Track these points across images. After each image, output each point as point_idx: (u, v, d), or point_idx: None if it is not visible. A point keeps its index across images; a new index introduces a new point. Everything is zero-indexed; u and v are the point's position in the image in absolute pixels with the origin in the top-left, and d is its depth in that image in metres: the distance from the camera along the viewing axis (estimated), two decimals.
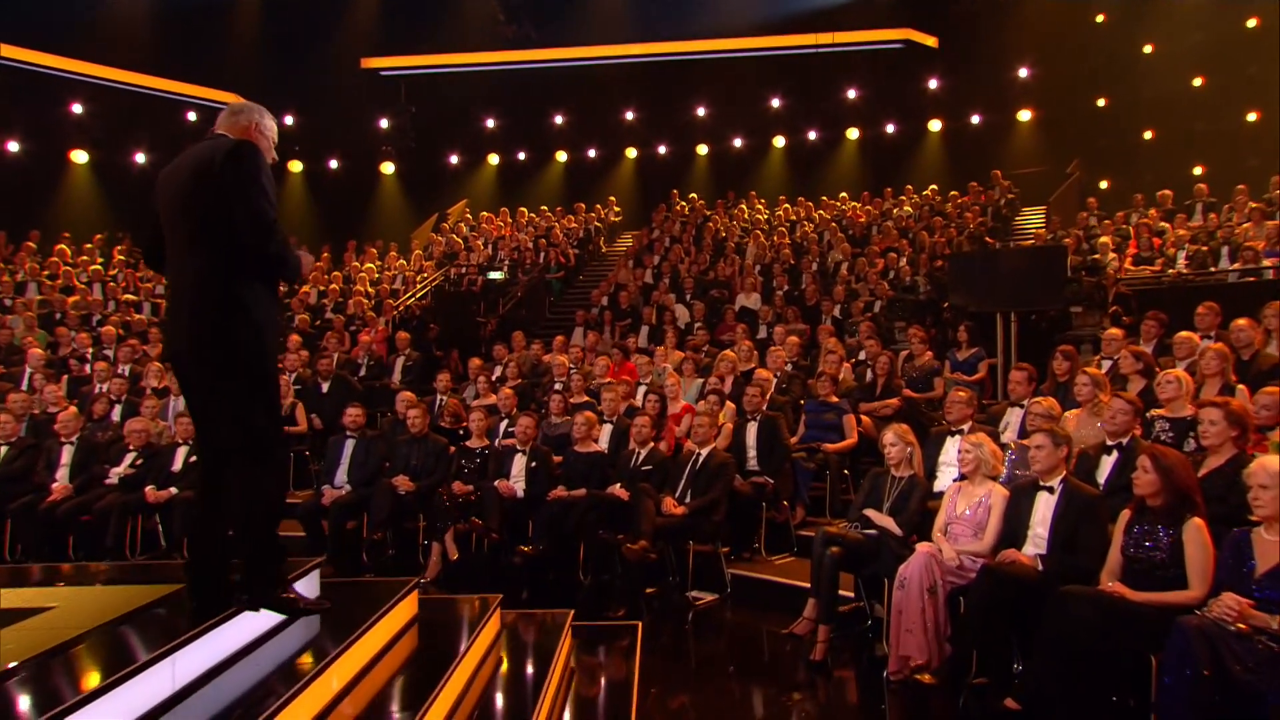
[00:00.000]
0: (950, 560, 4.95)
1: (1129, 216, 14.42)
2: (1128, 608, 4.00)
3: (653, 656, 5.36)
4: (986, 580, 4.56)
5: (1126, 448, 5.25)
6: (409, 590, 4.51)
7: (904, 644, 4.85)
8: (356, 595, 4.53)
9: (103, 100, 18.57)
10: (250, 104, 3.65)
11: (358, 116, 19.57)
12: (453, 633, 4.58)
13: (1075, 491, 4.74)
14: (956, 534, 5.19)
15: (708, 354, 10.56)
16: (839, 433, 7.86)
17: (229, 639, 3.51)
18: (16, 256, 16.31)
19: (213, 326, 3.32)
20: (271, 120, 3.66)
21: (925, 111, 19.13)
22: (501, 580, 7.22)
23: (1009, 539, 4.91)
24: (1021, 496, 4.93)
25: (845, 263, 14.55)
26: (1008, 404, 6.92)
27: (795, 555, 7.18)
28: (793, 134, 20.00)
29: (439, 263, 17.37)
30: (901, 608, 4.90)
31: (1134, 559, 4.20)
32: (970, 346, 9.45)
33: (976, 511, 5.15)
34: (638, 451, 7.28)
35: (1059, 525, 4.68)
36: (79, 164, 18.97)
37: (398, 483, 7.70)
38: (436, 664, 4.05)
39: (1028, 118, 18.70)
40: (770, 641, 5.88)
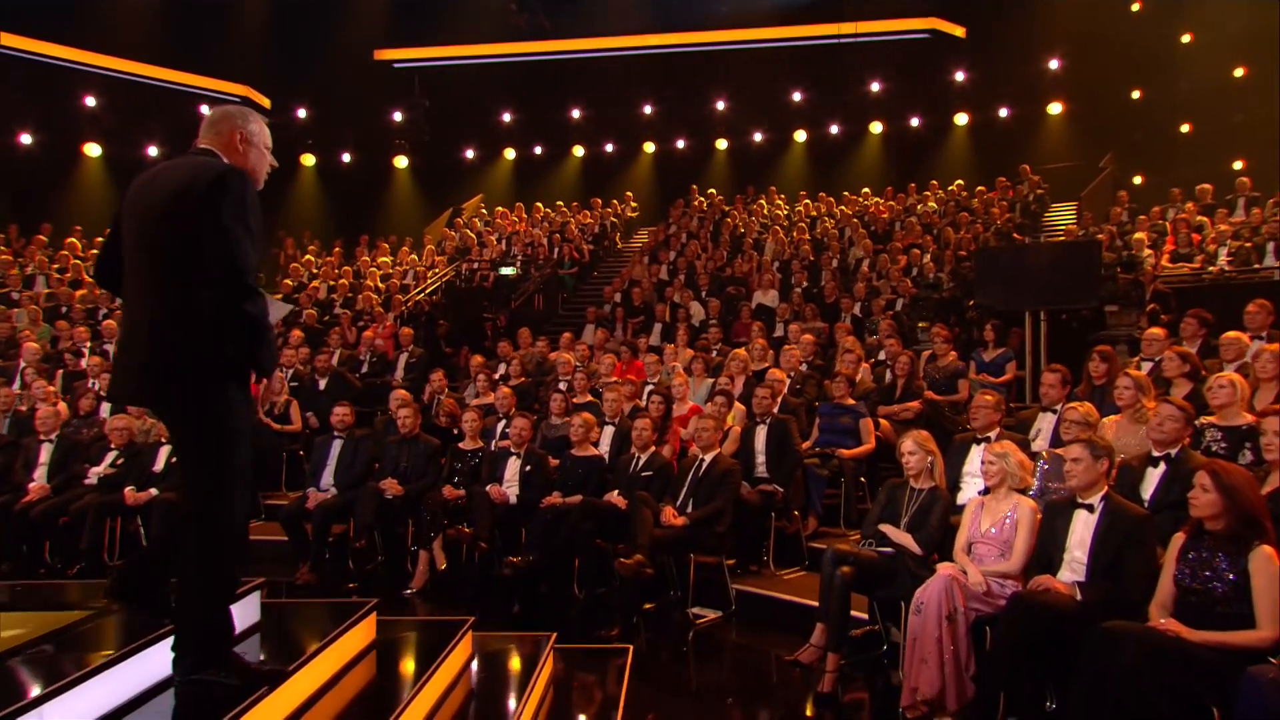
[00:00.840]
0: (975, 585, 4.39)
1: (1165, 212, 13.72)
2: (1184, 649, 3.43)
3: (644, 684, 4.83)
4: (1017, 611, 3.99)
5: (1176, 459, 4.67)
6: (365, 613, 4.02)
7: (916, 674, 4.29)
8: (305, 619, 4.04)
9: (116, 93, 18.32)
10: (232, 109, 3.19)
11: (370, 109, 19.18)
12: (414, 661, 4.08)
13: (1119, 510, 4.16)
14: (981, 554, 4.62)
15: (720, 353, 10.00)
16: (855, 437, 7.30)
17: (135, 676, 3.04)
18: (27, 250, 16.06)
19: (171, 390, 2.93)
20: (259, 123, 3.19)
21: (951, 104, 18.42)
22: (491, 593, 6.74)
23: (1042, 563, 4.33)
24: (1056, 515, 4.35)
25: (866, 259, 13.98)
26: (1039, 409, 6.32)
27: (806, 570, 6.63)
28: (814, 128, 19.37)
29: (451, 258, 16.94)
30: (917, 635, 4.34)
31: (1189, 591, 3.63)
32: (997, 347, 8.86)
33: (1002, 529, 4.58)
34: (638, 456, 6.75)
35: (1100, 549, 4.10)
36: (92, 157, 18.71)
37: (385, 486, 7.22)
38: (389, 698, 3.57)
39: (1058, 111, 18.00)
40: (777, 668, 5.33)
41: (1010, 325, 9.43)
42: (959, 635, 4.28)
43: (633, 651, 5.11)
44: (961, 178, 17.21)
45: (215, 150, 3.04)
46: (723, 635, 5.93)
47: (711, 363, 9.34)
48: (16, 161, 17.84)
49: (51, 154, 18.21)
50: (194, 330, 2.85)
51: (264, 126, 3.20)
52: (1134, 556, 3.99)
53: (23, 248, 16.26)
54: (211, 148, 3.05)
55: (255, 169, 3.12)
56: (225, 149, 3.06)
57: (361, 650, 3.91)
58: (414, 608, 6.59)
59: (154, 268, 2.93)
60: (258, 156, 3.14)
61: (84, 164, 18.73)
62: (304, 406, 9.63)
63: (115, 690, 2.89)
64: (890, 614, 5.22)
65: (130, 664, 2.98)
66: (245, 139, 3.10)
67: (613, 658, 5.14)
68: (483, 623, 6.25)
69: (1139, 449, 5.13)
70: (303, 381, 10.26)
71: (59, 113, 18.08)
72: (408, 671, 3.88)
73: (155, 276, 2.93)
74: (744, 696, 5.00)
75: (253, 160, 3.11)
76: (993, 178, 16.68)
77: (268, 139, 3.21)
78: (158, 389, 2.99)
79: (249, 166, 3.08)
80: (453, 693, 4.00)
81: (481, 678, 4.29)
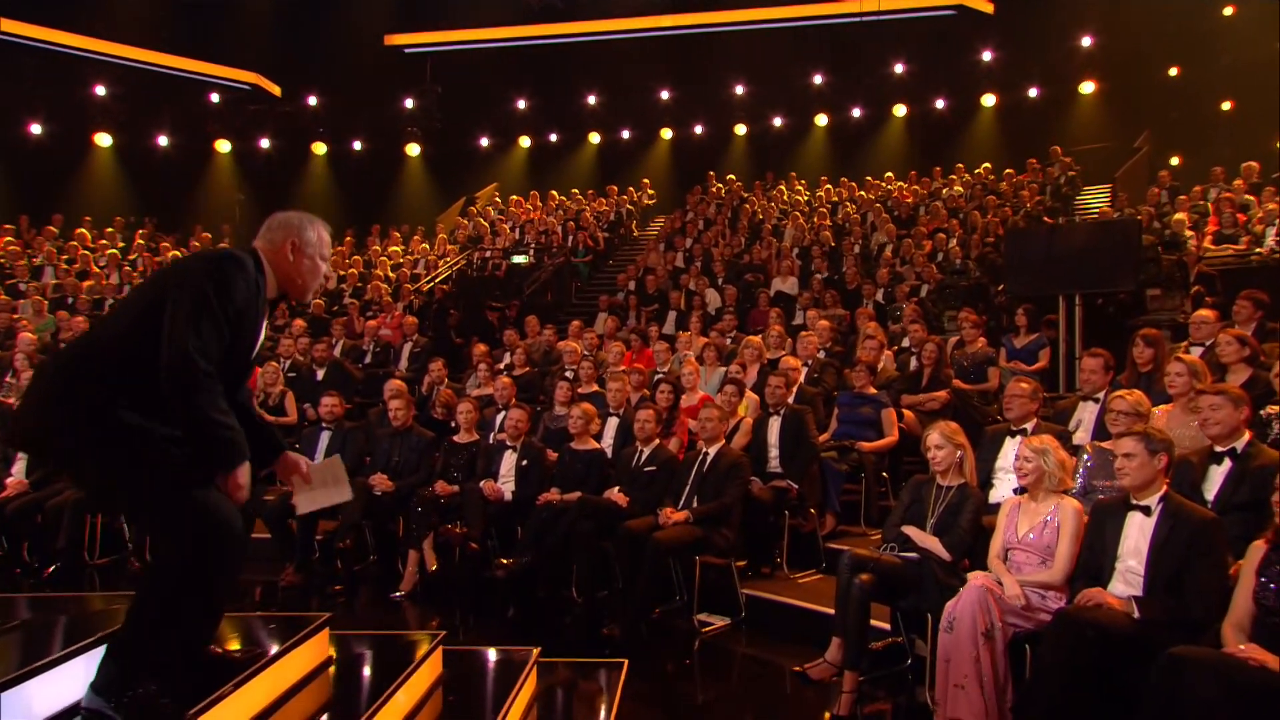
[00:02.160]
0: (1013, 598, 3.82)
1: (1206, 191, 12.99)
2: (1271, 683, 2.86)
3: (639, 704, 4.31)
4: (1063, 629, 3.42)
5: (1243, 455, 4.07)
6: (317, 628, 3.52)
7: (953, 703, 3.74)
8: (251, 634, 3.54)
9: (126, 82, 18.02)
10: (294, 216, 2.95)
11: (382, 96, 18.73)
12: (374, 680, 3.58)
13: (1181, 513, 3.58)
14: (1019, 562, 4.06)
15: (734, 340, 9.45)
16: (877, 429, 6.72)
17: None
18: (36, 240, 15.78)
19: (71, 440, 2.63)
20: (318, 231, 2.96)
21: (979, 85, 17.67)
22: (484, 596, 6.23)
23: (1090, 572, 3.77)
24: (1106, 517, 3.78)
25: (890, 245, 13.37)
26: (1079, 398, 5.72)
27: (823, 572, 6.08)
28: (836, 111, 18.68)
29: (463, 247, 16.50)
30: (950, 655, 3.80)
31: (1274, 611, 3.06)
32: (1030, 332, 8.25)
33: (1042, 534, 4.01)
34: (641, 450, 6.21)
35: (1159, 557, 3.53)
36: (102, 147, 18.46)
37: (375, 481, 6.75)
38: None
39: (1090, 90, 17.19)
40: (788, 685, 4.78)
41: (1043, 311, 8.83)
42: (996, 655, 3.73)
43: (627, 666, 4.57)
44: (989, 161, 16.51)
45: (261, 253, 2.86)
46: (730, 645, 5.39)
47: (725, 350, 8.80)
48: (27, 152, 17.67)
49: (62, 144, 17.98)
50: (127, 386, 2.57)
51: (324, 235, 2.99)
52: (1201, 567, 3.42)
53: (33, 238, 15.97)
54: (259, 250, 2.87)
55: (303, 279, 2.94)
56: (273, 254, 2.87)
57: (309, 673, 3.41)
58: (401, 613, 6.11)
59: (124, 313, 2.78)
60: (310, 267, 2.93)
61: (94, 153, 18.49)
62: (301, 398, 9.18)
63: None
64: (914, 626, 4.66)
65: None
66: (297, 248, 2.89)
67: (606, 673, 4.61)
68: (469, 631, 5.81)
69: (1195, 443, 4.53)
70: (300, 371, 9.83)
71: (69, 102, 17.82)
72: (362, 696, 3.38)
73: (119, 319, 2.79)
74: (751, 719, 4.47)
75: (303, 270, 2.92)
76: (1021, 160, 15.98)
77: (326, 249, 3.00)
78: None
79: (294, 275, 2.91)
80: (419, 713, 3.50)
81: (453, 699, 3.77)
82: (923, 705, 4.41)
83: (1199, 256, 9.81)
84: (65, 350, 2.82)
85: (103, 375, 2.56)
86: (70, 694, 2.75)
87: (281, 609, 6.15)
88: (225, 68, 18.26)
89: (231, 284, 2.62)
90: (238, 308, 2.63)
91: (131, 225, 17.33)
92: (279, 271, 2.87)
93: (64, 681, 2.77)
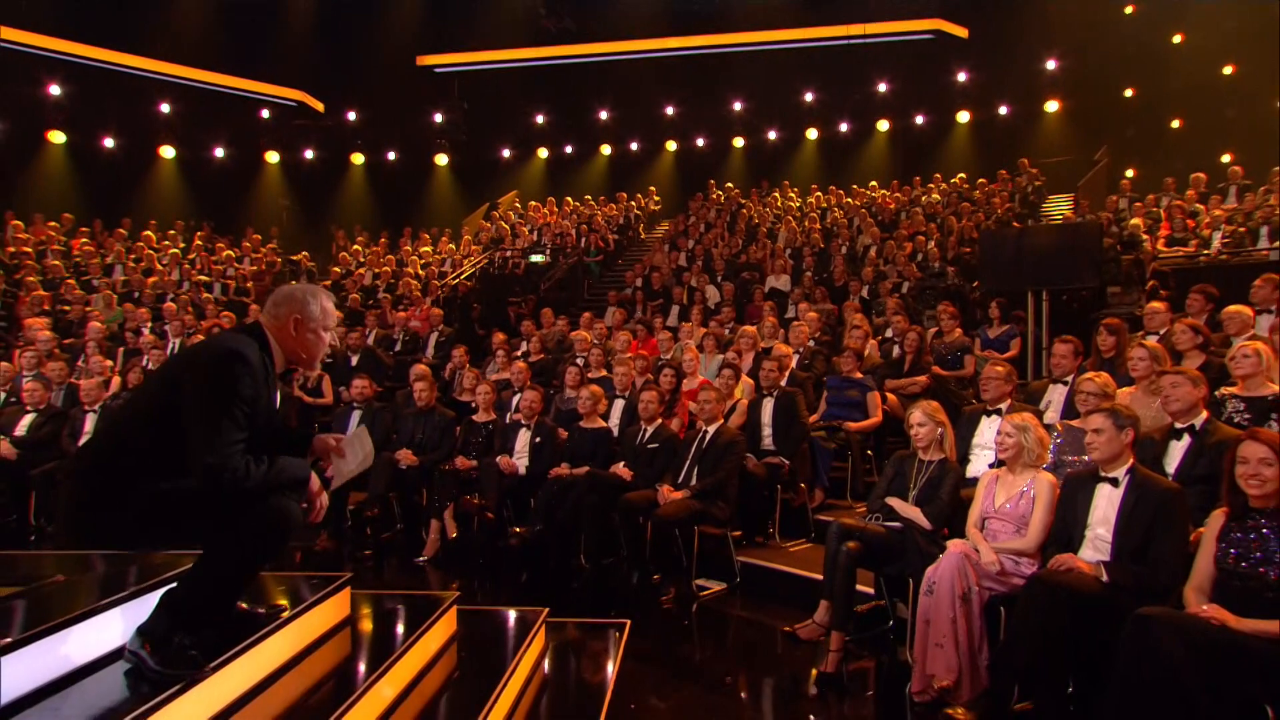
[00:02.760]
0: (989, 564, 3.66)
1: (1159, 200, 12.75)
2: (1233, 640, 2.70)
3: (640, 661, 4.16)
4: (1037, 592, 3.25)
5: (1201, 431, 3.90)
6: (337, 588, 3.38)
7: (931, 660, 3.58)
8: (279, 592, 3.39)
9: (187, 99, 17.87)
10: (297, 291, 2.82)
11: (414, 111, 18.53)
12: (389, 639, 3.43)
13: (1147, 484, 3.41)
14: (995, 530, 3.89)
15: (732, 331, 9.26)
16: (863, 411, 6.54)
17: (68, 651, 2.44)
18: (107, 241, 15.72)
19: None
20: (320, 303, 2.81)
21: (954, 103, 17.41)
22: (499, 563, 6.08)
23: (1061, 540, 3.59)
24: (1076, 489, 3.60)
25: (874, 246, 13.13)
26: (1049, 381, 5.54)
27: (812, 541, 5.92)
28: (825, 126, 18.44)
29: (486, 247, 16.34)
30: (929, 616, 3.63)
31: (1234, 574, 2.89)
32: (1002, 324, 8.05)
33: (1018, 504, 3.84)
34: (644, 428, 6.04)
35: (1127, 526, 3.35)
36: (166, 158, 18.34)
37: (400, 456, 6.60)
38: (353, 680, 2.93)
39: (1055, 108, 16.94)
40: (779, 645, 4.62)
41: (1013, 305, 8.64)
42: (973, 616, 3.56)
43: (630, 626, 4.42)
44: (963, 171, 16.24)
45: (266, 329, 2.74)
46: (726, 609, 5.23)
47: (723, 339, 8.62)
48: (100, 162, 17.58)
49: (130, 155, 17.90)
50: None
51: (326, 306, 2.83)
52: (1166, 535, 3.25)
53: (105, 239, 15.91)
54: (265, 326, 2.76)
55: (308, 352, 2.82)
56: (278, 330, 2.76)
57: (330, 629, 3.27)
58: (424, 577, 5.97)
59: (136, 413, 2.68)
60: (313, 341, 2.81)
61: (159, 164, 18.38)
62: (336, 381, 9.04)
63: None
64: (897, 590, 4.50)
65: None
66: (300, 323, 2.76)
67: (609, 632, 4.46)
68: (485, 594, 5.67)
69: (1155, 422, 4.36)
70: (336, 357, 9.70)
71: (137, 117, 17.71)
72: (379, 650, 3.23)
73: (132, 419, 2.67)
74: (744, 675, 4.31)
75: (307, 344, 2.79)
76: (993, 171, 15.72)
77: (331, 319, 2.85)
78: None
79: (299, 349, 2.80)
80: (430, 672, 3.36)
81: (466, 654, 3.62)
82: (904, 663, 4.25)
83: (1154, 256, 9.58)
84: (87, 456, 2.65)
85: (129, 472, 2.50)
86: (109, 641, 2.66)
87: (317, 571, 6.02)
88: (274, 86, 18.11)
89: (239, 383, 2.51)
90: (248, 399, 2.53)
91: (191, 228, 17.27)
92: (284, 346, 2.76)
93: (106, 629, 2.66)
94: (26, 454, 7.43)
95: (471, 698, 3.17)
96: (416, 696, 3.17)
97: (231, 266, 15.31)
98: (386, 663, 2.99)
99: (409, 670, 3.18)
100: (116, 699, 2.38)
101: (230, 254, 15.70)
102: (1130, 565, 3.26)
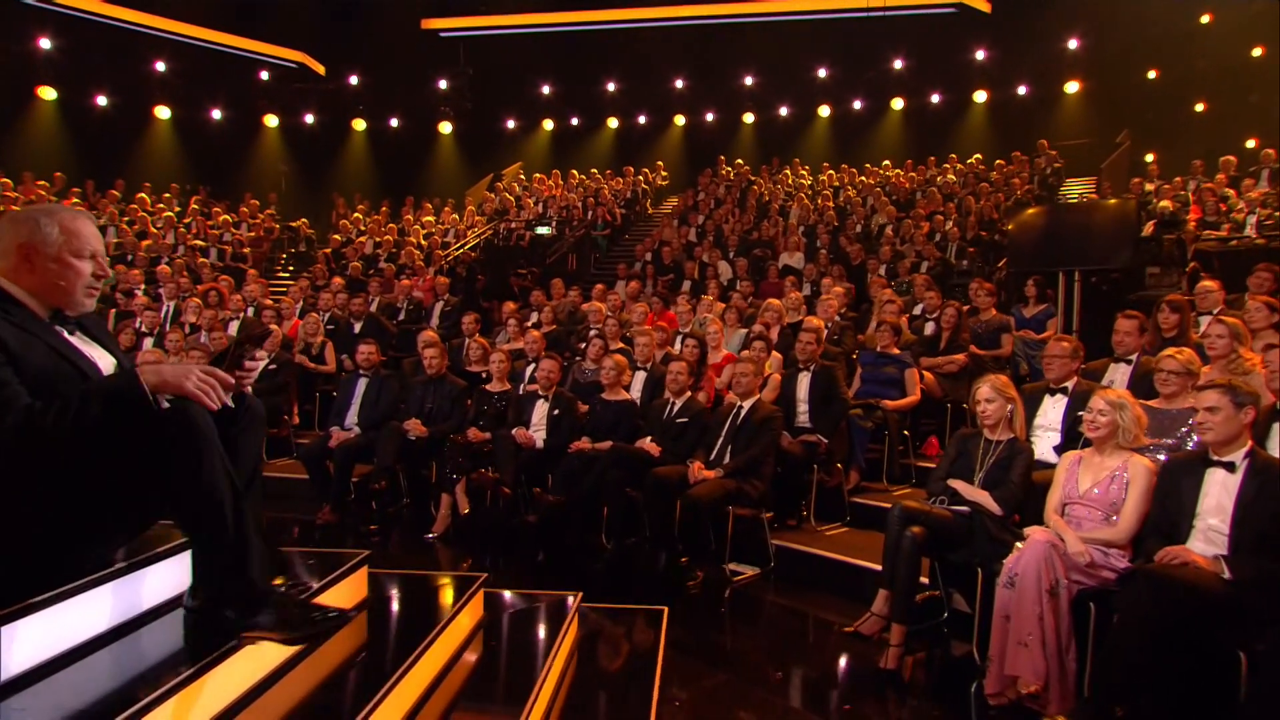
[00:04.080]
0: (1077, 554, 3.27)
1: (1186, 183, 12.34)
2: None
3: (680, 651, 3.76)
4: (1148, 587, 2.85)
5: None
6: (354, 566, 2.97)
7: (1015, 661, 3.19)
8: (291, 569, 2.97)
9: (184, 58, 17.20)
10: (22, 215, 2.17)
11: (418, 77, 17.92)
12: (411, 624, 3.03)
13: (1269, 469, 3.02)
14: (1079, 518, 3.50)
15: (752, 304, 8.85)
16: (899, 389, 6.14)
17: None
18: (100, 203, 15.18)
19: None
20: (62, 223, 2.15)
21: (971, 82, 16.89)
22: (514, 541, 5.68)
23: (1162, 530, 3.21)
24: (1182, 474, 3.21)
25: (890, 225, 12.70)
26: (1109, 360, 5.14)
27: (848, 525, 5.53)
28: (838, 103, 17.92)
29: (490, 218, 15.84)
30: (1011, 612, 3.24)
31: None
32: (1039, 303, 7.65)
33: (1108, 489, 3.44)
34: (673, 402, 5.63)
35: (1247, 516, 2.97)
36: (161, 119, 17.74)
37: (409, 426, 6.18)
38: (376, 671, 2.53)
39: (1075, 90, 16.43)
40: (827, 635, 4.24)
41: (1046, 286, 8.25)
42: (1061, 613, 3.17)
43: (668, 613, 4.03)
44: (979, 152, 15.77)
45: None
46: (761, 595, 4.83)
47: (745, 313, 8.21)
48: (93, 122, 16.98)
49: (124, 115, 17.28)
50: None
51: (74, 227, 2.16)
52: None
53: (98, 201, 15.37)
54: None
55: (57, 285, 2.14)
56: (10, 271, 2.12)
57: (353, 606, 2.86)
58: (434, 554, 5.57)
59: None
60: (58, 270, 2.13)
61: (154, 125, 17.77)
62: (339, 349, 8.61)
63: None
64: (953, 579, 4.12)
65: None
66: (32, 251, 2.12)
67: (646, 620, 4.07)
68: (504, 573, 5.26)
69: None
70: (339, 324, 9.26)
71: (132, 76, 17.08)
72: (403, 636, 2.83)
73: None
74: (794, 669, 3.90)
75: (51, 275, 2.13)
76: (1009, 153, 15.26)
77: (84, 243, 2.17)
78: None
79: (45, 285, 2.13)
80: (458, 662, 2.96)
81: (493, 644, 3.23)
82: (960, 659, 3.89)
83: (1196, 235, 9.18)
84: None
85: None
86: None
87: (318, 547, 5.61)
88: (274, 46, 17.42)
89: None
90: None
91: (186, 192, 16.72)
92: (25, 286, 2.13)
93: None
94: None
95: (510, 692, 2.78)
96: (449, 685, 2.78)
97: (228, 232, 14.79)
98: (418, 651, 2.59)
99: (437, 660, 2.78)
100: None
101: (227, 219, 15.17)
102: (1254, 559, 2.87)
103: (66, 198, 15.02)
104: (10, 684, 1.86)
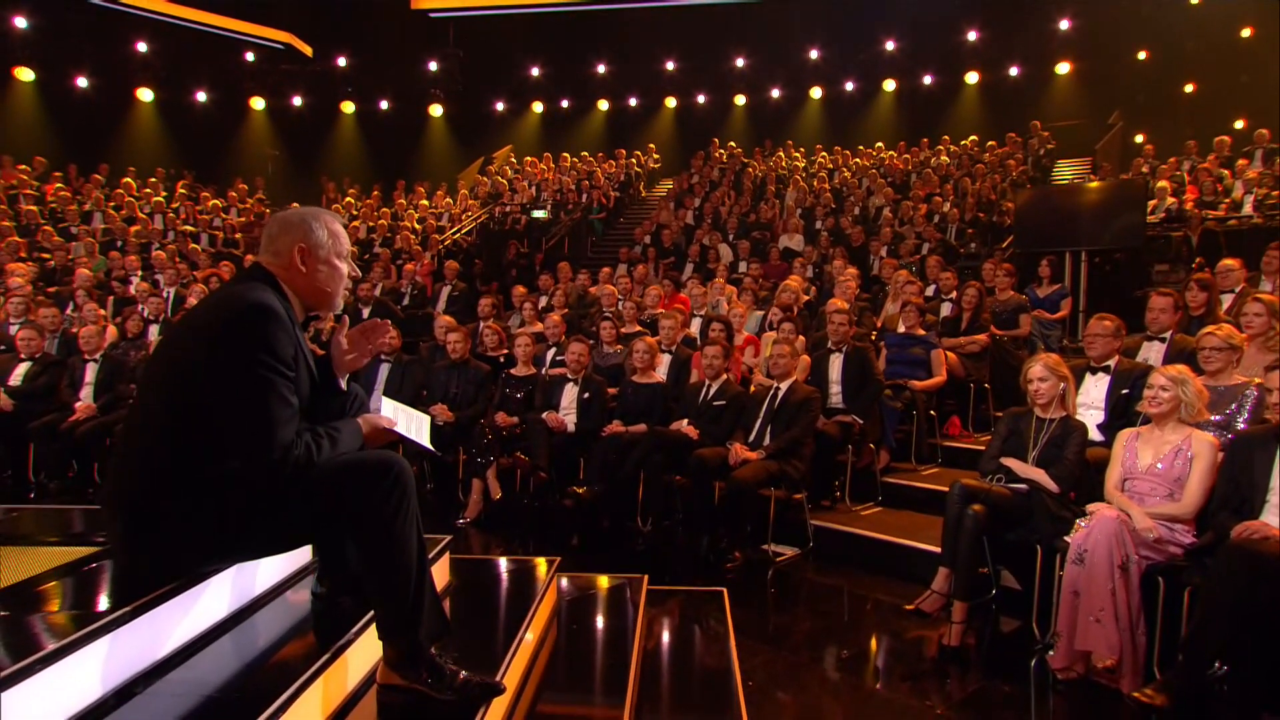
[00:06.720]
0: (1145, 530, 3.31)
1: (1180, 163, 12.47)
2: None
3: (743, 634, 3.76)
4: (1237, 564, 2.90)
5: None
6: (439, 552, 2.94)
7: (1086, 636, 3.24)
8: None
9: (167, 38, 16.82)
10: (296, 215, 2.22)
11: (408, 58, 17.66)
12: (505, 604, 3.02)
13: None
14: (1141, 493, 3.54)
15: (762, 286, 8.86)
16: (926, 369, 6.18)
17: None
18: (85, 187, 14.86)
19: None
20: (328, 224, 2.23)
21: (963, 64, 16.92)
22: (549, 525, 5.66)
23: (1232, 505, 3.25)
24: (1253, 449, 3.26)
25: (888, 207, 12.74)
26: (1143, 337, 5.19)
27: (881, 505, 5.57)
28: (830, 85, 17.89)
29: (484, 202, 15.70)
30: (1081, 588, 3.29)
31: None
32: (1053, 283, 7.72)
33: (1171, 464, 3.49)
34: (709, 384, 5.62)
35: None
36: (144, 101, 17.35)
37: (435, 412, 6.12)
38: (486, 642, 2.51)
39: (1066, 70, 16.51)
40: (882, 614, 4.27)
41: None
42: (1132, 588, 3.22)
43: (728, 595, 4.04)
44: (972, 134, 15.81)
45: (272, 271, 2.16)
46: (802, 575, 4.86)
47: (759, 294, 8.21)
48: (74, 104, 16.58)
49: (107, 97, 16.88)
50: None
51: (335, 229, 2.24)
52: None
53: (81, 185, 15.05)
54: (270, 269, 2.16)
55: (325, 288, 2.22)
56: (284, 271, 2.17)
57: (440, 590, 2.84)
58: (467, 540, 5.53)
59: (153, 401, 2.03)
60: (327, 274, 2.20)
61: (137, 107, 17.39)
62: None
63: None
64: (1005, 557, 4.15)
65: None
66: (307, 254, 2.17)
67: (705, 602, 4.07)
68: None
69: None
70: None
71: (113, 57, 16.69)
72: (506, 615, 2.82)
73: (147, 409, 2.04)
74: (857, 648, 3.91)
75: (320, 279, 2.19)
76: (1002, 135, 15.30)
77: (343, 244, 2.25)
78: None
79: (313, 287, 2.20)
80: (544, 647, 2.95)
81: (573, 628, 3.22)
82: (1010, 635, 3.93)
83: (1203, 217, 9.28)
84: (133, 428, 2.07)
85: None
86: None
87: None
88: (261, 27, 17.11)
89: (276, 344, 1.96)
90: (288, 360, 1.99)
91: (172, 177, 16.39)
92: (297, 288, 2.17)
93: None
94: (22, 405, 6.86)
95: (607, 681, 2.77)
96: (535, 673, 2.77)
97: (218, 216, 14.55)
98: (521, 630, 2.57)
99: (527, 650, 2.77)
100: None
101: (217, 204, 14.92)
102: None
103: (49, 182, 14.71)
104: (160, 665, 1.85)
